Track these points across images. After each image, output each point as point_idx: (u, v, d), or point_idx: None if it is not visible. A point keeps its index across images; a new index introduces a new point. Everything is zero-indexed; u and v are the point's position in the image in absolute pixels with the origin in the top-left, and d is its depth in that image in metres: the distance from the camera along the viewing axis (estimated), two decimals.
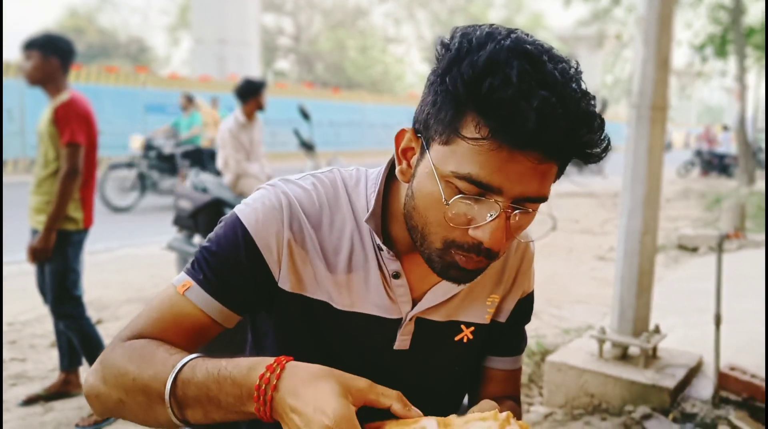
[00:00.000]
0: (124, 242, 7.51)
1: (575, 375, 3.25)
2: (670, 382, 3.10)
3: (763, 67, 19.24)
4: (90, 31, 37.94)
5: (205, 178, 5.31)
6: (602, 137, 0.90)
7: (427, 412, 1.13)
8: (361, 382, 0.83)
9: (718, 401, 3.05)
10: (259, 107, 5.21)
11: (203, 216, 4.90)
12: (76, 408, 3.13)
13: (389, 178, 1.07)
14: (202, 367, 0.88)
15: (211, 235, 1.04)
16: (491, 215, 0.89)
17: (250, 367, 0.85)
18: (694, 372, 3.33)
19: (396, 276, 1.06)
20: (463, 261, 0.94)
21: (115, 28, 41.35)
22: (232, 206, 4.92)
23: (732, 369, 3.15)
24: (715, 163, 19.56)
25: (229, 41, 23.46)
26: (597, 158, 0.91)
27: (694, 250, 7.58)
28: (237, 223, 1.02)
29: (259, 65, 25.62)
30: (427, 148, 0.93)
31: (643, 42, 3.19)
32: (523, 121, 0.81)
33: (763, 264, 6.33)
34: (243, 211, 1.03)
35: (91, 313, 4.63)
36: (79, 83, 15.28)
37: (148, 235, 7.75)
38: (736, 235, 2.98)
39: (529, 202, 0.90)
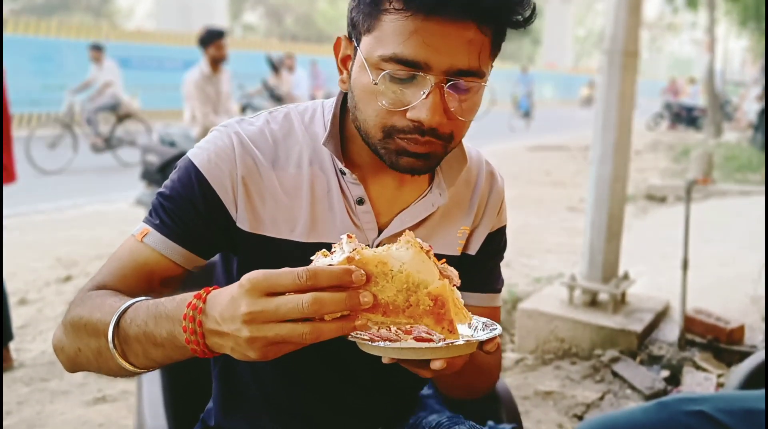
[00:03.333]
0: (93, 198, 7.38)
1: (546, 321, 3.30)
2: (637, 326, 3.16)
3: (733, 19, 19.33)
4: None
5: (173, 131, 5.21)
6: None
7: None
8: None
9: (683, 343, 3.13)
10: (219, 56, 5.09)
11: (171, 170, 4.81)
12: (9, 382, 3.04)
13: (346, 103, 1.05)
14: (143, 306, 0.86)
15: (166, 181, 1.03)
16: (424, 93, 0.89)
17: (181, 299, 0.81)
18: (661, 316, 3.41)
19: (360, 202, 1.04)
20: (410, 145, 0.93)
21: None
22: None
23: (697, 312, 3.23)
24: (683, 116, 19.70)
25: None
26: (522, 22, 0.91)
27: (662, 199, 7.69)
28: (189, 165, 1.01)
29: (226, 17, 25.01)
30: (358, 46, 0.94)
31: None
32: None
33: (729, 212, 6.46)
34: (195, 153, 1.02)
35: (60, 270, 4.59)
36: (38, 37, 14.79)
37: (117, 190, 7.62)
38: (705, 180, 3.02)
39: (462, 75, 0.90)
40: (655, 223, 6.47)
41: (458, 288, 1.17)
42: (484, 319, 0.89)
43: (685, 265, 3.13)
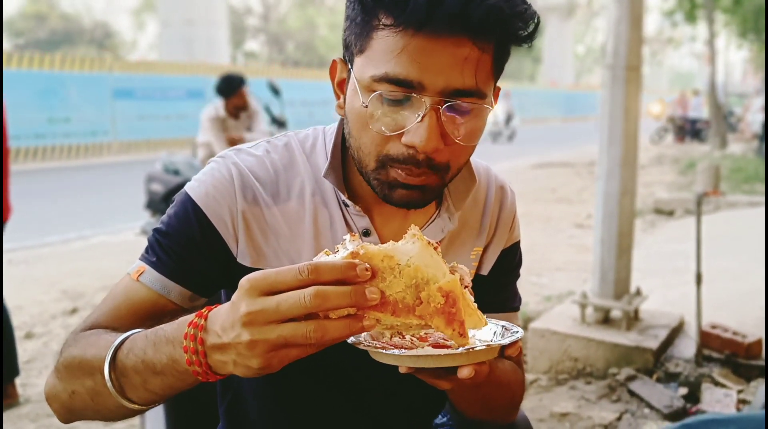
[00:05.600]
0: (99, 229, 7.38)
1: (558, 340, 3.24)
2: (652, 343, 3.10)
3: (732, 31, 19.39)
4: (52, 17, 37.01)
5: (177, 159, 5.21)
6: (522, 10, 0.83)
7: (413, 386, 1.07)
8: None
9: (701, 359, 3.06)
10: (242, 104, 5.06)
11: None
12: (15, 418, 2.99)
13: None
14: (141, 335, 0.82)
15: (163, 217, 0.99)
16: (419, 115, 0.84)
17: (181, 321, 0.77)
18: (676, 332, 3.35)
19: (366, 233, 0.99)
20: (402, 176, 0.88)
21: (79, 13, 40.40)
22: None
23: (713, 327, 3.16)
24: (687, 128, 19.68)
25: (197, 22, 23.03)
26: (522, 37, 0.86)
27: (671, 213, 7.63)
28: (187, 199, 0.96)
29: (228, 46, 25.23)
30: (351, 68, 0.90)
31: (616, 1, 3.15)
32: None
33: (739, 224, 6.39)
34: (192, 186, 0.98)
35: (66, 302, 4.56)
36: (43, 70, 14.92)
37: (121, 221, 7.61)
38: (714, 192, 2.98)
39: (460, 95, 0.84)
40: (664, 237, 6.41)
41: None
42: (503, 323, 0.84)
43: (698, 279, 3.08)
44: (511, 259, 1.13)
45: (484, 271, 1.10)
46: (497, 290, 1.11)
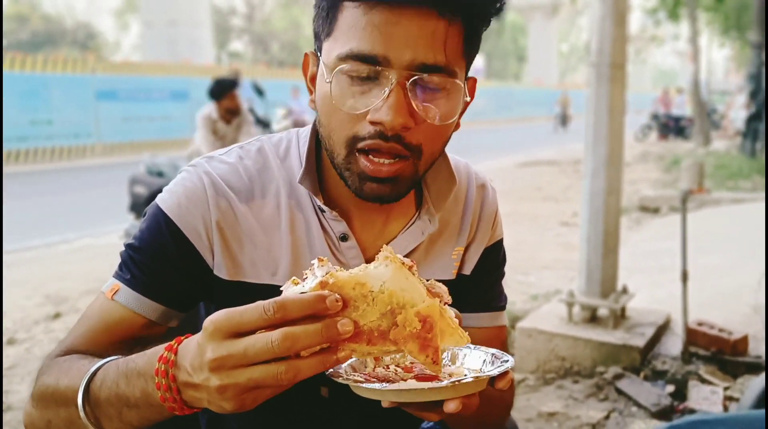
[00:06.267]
0: (82, 232, 7.30)
1: (545, 340, 3.23)
2: (639, 341, 3.10)
3: (714, 29, 19.56)
4: (34, 19, 36.66)
5: (160, 161, 5.17)
6: None
7: None
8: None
9: (687, 357, 3.06)
10: (233, 106, 5.03)
11: None
12: None
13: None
14: (113, 365, 0.78)
15: (135, 232, 0.96)
16: (385, 92, 0.81)
17: (152, 353, 0.73)
18: (662, 330, 3.35)
19: (344, 238, 0.97)
20: (369, 167, 0.85)
21: (61, 14, 40.04)
22: None
23: (700, 324, 3.17)
24: (671, 126, 19.80)
25: (180, 22, 22.90)
26: (489, 12, 0.86)
27: (656, 210, 7.67)
28: (158, 212, 0.93)
29: (212, 47, 25.10)
30: (320, 55, 0.88)
31: None
32: None
33: (724, 221, 6.44)
34: (164, 198, 0.94)
35: (49, 307, 4.50)
36: (24, 72, 14.77)
37: (105, 223, 7.54)
38: (699, 190, 2.98)
39: (427, 71, 0.82)
40: (650, 234, 6.43)
41: (459, 310, 1.11)
42: (493, 350, 0.80)
43: (684, 276, 3.08)
44: (494, 257, 1.11)
45: (467, 271, 1.08)
46: (482, 289, 1.09)
